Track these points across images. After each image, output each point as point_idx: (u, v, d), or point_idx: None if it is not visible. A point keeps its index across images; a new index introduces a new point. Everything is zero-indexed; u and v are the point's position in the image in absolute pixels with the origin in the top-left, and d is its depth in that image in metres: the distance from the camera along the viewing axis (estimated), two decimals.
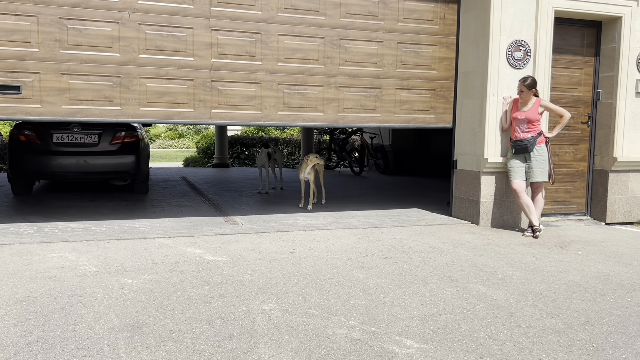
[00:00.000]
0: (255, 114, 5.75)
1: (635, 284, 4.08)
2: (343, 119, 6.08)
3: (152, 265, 4.18)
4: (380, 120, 6.18)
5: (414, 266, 4.36)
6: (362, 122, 6.17)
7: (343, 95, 6.00)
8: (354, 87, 6.04)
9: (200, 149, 17.10)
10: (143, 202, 7.34)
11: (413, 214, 6.75)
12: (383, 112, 6.16)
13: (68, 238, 4.98)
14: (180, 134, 29.07)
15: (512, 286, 3.92)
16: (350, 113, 6.06)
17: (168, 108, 5.48)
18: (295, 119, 5.93)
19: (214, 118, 5.67)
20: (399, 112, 6.21)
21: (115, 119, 5.39)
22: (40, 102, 5.13)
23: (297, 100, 5.87)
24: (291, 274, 4.06)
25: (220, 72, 5.61)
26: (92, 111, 5.29)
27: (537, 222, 5.66)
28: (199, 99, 5.56)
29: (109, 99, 5.31)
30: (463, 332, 3.04)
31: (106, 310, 3.23)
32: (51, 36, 5.10)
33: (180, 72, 5.48)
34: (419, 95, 6.26)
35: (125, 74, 5.34)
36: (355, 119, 6.12)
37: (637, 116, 6.49)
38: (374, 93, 6.10)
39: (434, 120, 6.39)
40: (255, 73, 5.71)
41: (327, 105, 5.96)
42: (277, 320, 3.13)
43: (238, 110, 5.70)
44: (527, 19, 5.98)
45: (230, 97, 5.66)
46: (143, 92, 5.39)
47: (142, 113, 5.43)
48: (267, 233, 5.45)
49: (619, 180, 6.54)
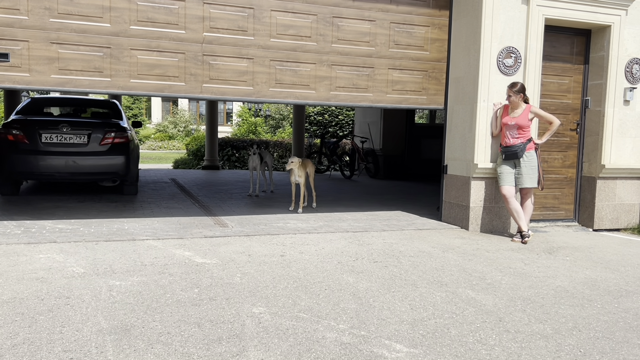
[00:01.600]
0: (246, 89, 5.74)
1: (622, 290, 4.12)
2: (335, 97, 6.07)
3: (141, 267, 4.15)
4: (372, 100, 6.19)
5: (403, 270, 4.37)
6: (354, 102, 6.16)
7: (335, 74, 6.00)
8: (346, 66, 6.04)
9: (190, 150, 17.03)
10: (132, 203, 7.29)
11: (403, 218, 6.77)
12: (375, 92, 6.17)
13: (56, 239, 4.94)
14: (170, 135, 28.94)
15: (501, 291, 3.94)
16: (342, 92, 6.06)
17: (159, 81, 5.45)
18: (287, 96, 5.91)
19: (205, 93, 5.65)
20: (391, 93, 6.22)
21: (105, 90, 5.35)
22: (28, 70, 5.07)
23: (289, 77, 5.86)
24: (281, 277, 4.05)
25: (212, 46, 5.59)
26: (82, 82, 5.23)
27: (526, 227, 5.70)
28: (190, 73, 5.53)
29: (99, 69, 5.26)
30: (452, 336, 3.05)
31: (94, 312, 3.20)
32: (41, 4, 5.05)
33: (171, 45, 5.46)
34: (411, 76, 6.29)
35: (116, 45, 5.30)
36: (347, 97, 6.11)
37: (624, 124, 6.57)
38: (366, 72, 6.11)
39: (425, 101, 6.42)
40: (247, 48, 5.70)
41: (319, 83, 5.96)
42: (266, 323, 3.12)
43: (229, 85, 5.68)
44: (518, 26, 6.03)
45: (221, 71, 5.64)
46: (134, 64, 5.35)
47: (133, 85, 5.38)
48: (257, 236, 5.43)
49: (606, 187, 6.61)
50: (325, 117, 18.14)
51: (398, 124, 12.31)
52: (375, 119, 12.48)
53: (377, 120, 12.41)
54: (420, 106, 6.44)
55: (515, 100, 5.66)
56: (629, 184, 6.70)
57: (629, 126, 6.59)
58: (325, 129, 17.87)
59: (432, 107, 6.51)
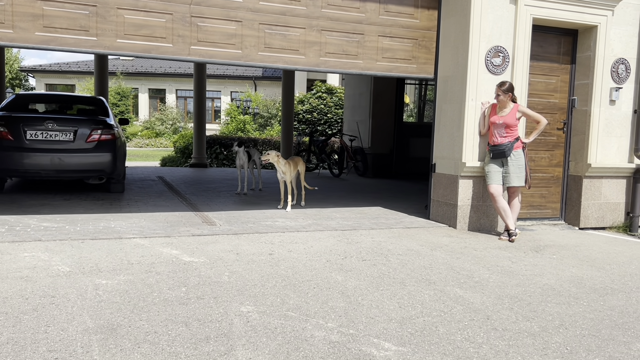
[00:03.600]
0: (235, 52, 5.70)
1: (608, 288, 4.16)
2: (325, 63, 6.05)
3: (128, 266, 4.10)
4: (362, 67, 6.18)
5: (392, 269, 4.38)
6: (344, 68, 6.14)
7: (325, 39, 5.98)
8: (336, 32, 6.03)
9: (177, 148, 16.91)
10: (119, 201, 7.22)
11: (391, 217, 6.78)
12: (365, 59, 6.16)
13: (41, 237, 4.87)
14: (158, 132, 28.72)
15: (489, 289, 3.96)
16: (332, 58, 6.04)
17: (146, 42, 5.39)
18: (276, 61, 5.88)
19: (193, 55, 5.60)
20: (381, 60, 6.22)
21: (91, 49, 5.27)
22: (12, 27, 4.97)
23: (279, 41, 5.84)
24: (269, 275, 4.03)
25: (200, 7, 5.55)
26: (67, 40, 5.15)
27: (513, 226, 5.74)
28: (177, 34, 5.48)
29: (85, 28, 5.19)
30: (440, 334, 3.06)
31: (80, 311, 3.16)
32: None
33: (159, 5, 5.40)
34: (401, 44, 6.29)
35: (102, 4, 5.23)
36: (337, 64, 6.09)
37: (610, 123, 6.64)
38: (356, 39, 6.10)
39: (415, 70, 6.42)
40: (236, 10, 5.66)
41: (308, 48, 5.94)
42: (254, 322, 3.11)
43: (218, 48, 5.64)
44: (506, 25, 6.07)
45: (210, 34, 5.60)
46: (120, 23, 5.29)
47: (119, 45, 5.32)
48: (245, 234, 5.41)
49: (592, 186, 6.67)
50: (314, 115, 18.12)
51: (387, 122, 12.33)
52: (364, 118, 12.49)
53: (366, 119, 12.42)
54: (410, 75, 6.43)
55: (503, 100, 5.69)
56: (615, 183, 6.78)
57: (614, 126, 6.66)
58: (314, 127, 17.86)
59: (421, 76, 6.51)
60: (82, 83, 30.33)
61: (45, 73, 32.26)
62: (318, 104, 18.23)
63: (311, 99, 18.52)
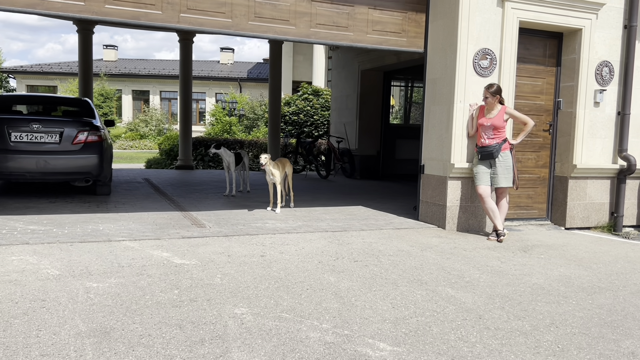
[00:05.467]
0: (225, 21, 5.67)
1: (595, 286, 4.23)
2: (315, 34, 6.05)
3: (118, 269, 4.07)
4: (352, 40, 6.19)
5: (384, 269, 4.40)
6: (334, 40, 6.15)
7: (315, 10, 5.98)
8: (327, 3, 6.03)
9: (163, 150, 16.78)
10: (106, 204, 7.15)
11: (381, 218, 6.81)
12: (355, 31, 6.17)
13: (28, 240, 4.80)
14: (142, 134, 28.47)
15: (480, 289, 4.00)
16: (322, 29, 6.04)
17: (135, 8, 5.34)
18: (267, 31, 5.87)
19: (182, 22, 5.56)
20: (371, 33, 6.24)
21: (78, 14, 5.19)
22: None
23: (269, 11, 5.82)
24: (262, 277, 4.02)
25: None
26: (54, 4, 5.06)
27: (502, 226, 5.80)
28: (167, 1, 5.44)
29: None
30: (434, 334, 3.08)
31: (71, 314, 3.13)
32: None
33: None
34: (391, 17, 6.32)
35: None
36: (327, 35, 6.10)
37: (594, 125, 6.75)
38: (347, 11, 6.11)
39: (405, 43, 6.45)
40: None
41: (299, 18, 5.93)
42: (249, 324, 3.10)
43: (207, 16, 5.61)
44: (493, 28, 6.14)
45: (199, 2, 5.57)
46: None
47: (107, 11, 5.25)
48: (235, 236, 5.39)
49: (577, 186, 6.77)
50: (301, 117, 18.12)
51: (374, 124, 12.38)
52: (351, 119, 12.53)
53: (353, 120, 12.46)
54: (400, 48, 6.45)
55: (491, 102, 5.75)
56: (599, 184, 6.89)
57: (598, 127, 6.78)
58: (301, 129, 17.86)
59: (411, 50, 6.53)
60: (65, 84, 29.98)
61: (27, 74, 31.83)
62: (304, 106, 18.23)
63: (297, 100, 18.51)
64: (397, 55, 10.80)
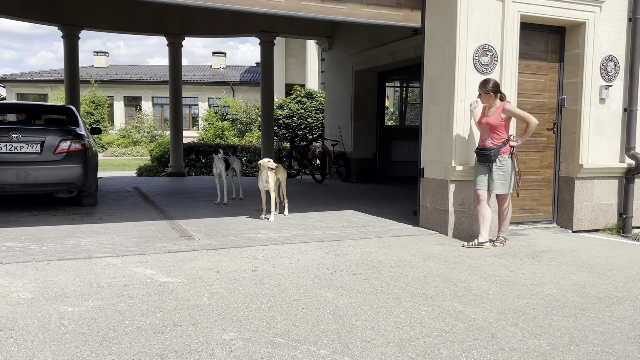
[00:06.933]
0: None
1: (613, 296, 3.93)
2: (306, 8, 5.70)
3: (97, 290, 3.74)
4: (345, 14, 5.85)
5: (385, 283, 4.09)
6: (326, 14, 5.80)
7: None
8: None
9: (154, 157, 16.41)
10: (91, 215, 6.81)
11: (379, 224, 6.50)
12: (349, 5, 5.82)
13: (2, 259, 4.46)
14: (134, 141, 28.07)
15: (489, 302, 3.69)
16: (313, 2, 5.69)
17: None
18: (255, 4, 5.51)
19: None
20: (365, 7, 5.90)
21: None
22: None
23: None
24: (254, 295, 3.70)
25: None
26: None
27: (486, 237, 5.37)
28: None
29: None
30: (444, 358, 2.78)
31: (41, 345, 2.80)
32: None
33: None
34: None
35: None
36: (319, 9, 5.74)
37: (601, 122, 6.47)
38: None
39: (401, 18, 6.10)
40: None
41: None
42: (238, 351, 2.79)
43: None
44: (493, 23, 5.85)
45: None
46: None
47: None
48: (226, 249, 5.07)
49: (584, 187, 6.48)
50: (294, 120, 17.80)
51: (369, 126, 12.09)
52: (346, 121, 12.24)
53: (348, 123, 12.16)
54: (396, 23, 6.11)
55: (486, 100, 5.38)
56: (606, 184, 6.60)
57: (605, 125, 6.49)
58: (295, 132, 17.55)
59: (408, 25, 6.19)
60: (55, 92, 29.55)
61: (17, 82, 31.41)
62: (298, 109, 17.92)
63: (291, 103, 18.20)
64: (391, 55, 10.51)
